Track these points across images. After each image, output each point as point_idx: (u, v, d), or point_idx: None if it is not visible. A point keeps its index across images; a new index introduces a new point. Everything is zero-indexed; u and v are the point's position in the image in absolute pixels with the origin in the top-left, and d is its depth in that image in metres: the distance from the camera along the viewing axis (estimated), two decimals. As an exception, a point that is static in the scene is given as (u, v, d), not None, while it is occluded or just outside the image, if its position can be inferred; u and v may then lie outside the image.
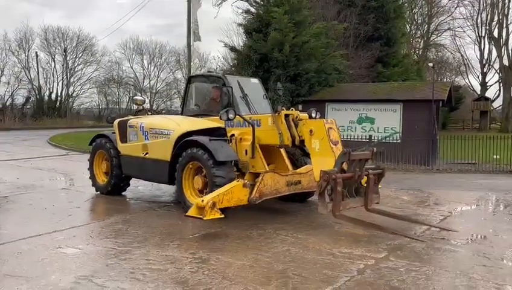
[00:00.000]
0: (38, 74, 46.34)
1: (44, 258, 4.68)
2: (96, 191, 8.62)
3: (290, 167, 7.34)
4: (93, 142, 8.83)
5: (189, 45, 19.86)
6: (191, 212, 6.33)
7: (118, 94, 51.15)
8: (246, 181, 6.44)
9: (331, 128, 6.38)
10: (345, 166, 6.08)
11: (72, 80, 47.62)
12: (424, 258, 4.84)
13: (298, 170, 7.19)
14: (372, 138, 13.64)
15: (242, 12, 17.55)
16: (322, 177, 5.66)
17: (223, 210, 6.36)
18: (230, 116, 6.66)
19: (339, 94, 15.76)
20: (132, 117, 8.57)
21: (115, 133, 8.37)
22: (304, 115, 6.82)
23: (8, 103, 46.11)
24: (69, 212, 7.03)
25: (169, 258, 4.70)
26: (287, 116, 6.81)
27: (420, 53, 43.57)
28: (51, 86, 47.79)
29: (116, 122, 8.40)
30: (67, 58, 46.40)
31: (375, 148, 6.32)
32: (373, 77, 20.48)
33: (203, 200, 6.17)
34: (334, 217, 5.81)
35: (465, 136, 14.11)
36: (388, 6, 23.01)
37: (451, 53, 48.99)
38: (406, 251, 5.09)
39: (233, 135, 7.22)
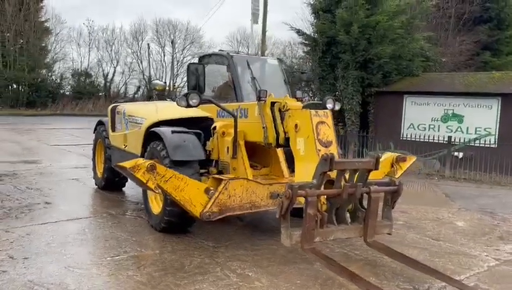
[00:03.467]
0: (149, 64, 49.03)
1: None
2: (96, 185, 7.71)
3: (286, 172, 5.58)
4: (96, 130, 7.95)
5: (264, 32, 18.62)
6: (125, 163, 4.32)
7: (223, 86, 51.88)
8: (210, 187, 4.74)
9: (321, 122, 4.52)
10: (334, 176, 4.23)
11: (179, 70, 49.56)
12: None
13: (291, 178, 5.37)
14: (453, 140, 10.91)
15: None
16: (285, 192, 3.90)
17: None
18: (193, 101, 5.03)
19: (420, 85, 13.03)
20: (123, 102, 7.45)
21: (110, 120, 7.33)
22: (295, 104, 4.98)
23: (121, 92, 49.88)
24: (23, 211, 6.02)
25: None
26: (273, 104, 5.07)
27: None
28: (160, 76, 50.34)
29: (109, 108, 7.34)
30: (176, 50, 48.30)
31: (380, 155, 4.29)
32: (477, 68, 16.90)
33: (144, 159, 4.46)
34: (304, 252, 4.01)
35: None
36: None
37: None
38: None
39: (215, 127, 5.66)
